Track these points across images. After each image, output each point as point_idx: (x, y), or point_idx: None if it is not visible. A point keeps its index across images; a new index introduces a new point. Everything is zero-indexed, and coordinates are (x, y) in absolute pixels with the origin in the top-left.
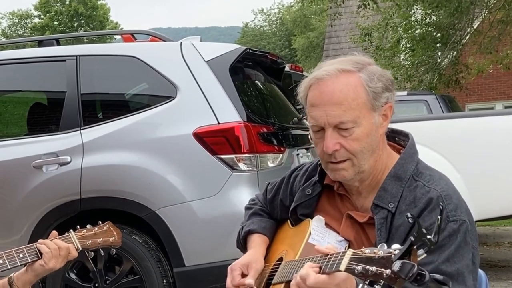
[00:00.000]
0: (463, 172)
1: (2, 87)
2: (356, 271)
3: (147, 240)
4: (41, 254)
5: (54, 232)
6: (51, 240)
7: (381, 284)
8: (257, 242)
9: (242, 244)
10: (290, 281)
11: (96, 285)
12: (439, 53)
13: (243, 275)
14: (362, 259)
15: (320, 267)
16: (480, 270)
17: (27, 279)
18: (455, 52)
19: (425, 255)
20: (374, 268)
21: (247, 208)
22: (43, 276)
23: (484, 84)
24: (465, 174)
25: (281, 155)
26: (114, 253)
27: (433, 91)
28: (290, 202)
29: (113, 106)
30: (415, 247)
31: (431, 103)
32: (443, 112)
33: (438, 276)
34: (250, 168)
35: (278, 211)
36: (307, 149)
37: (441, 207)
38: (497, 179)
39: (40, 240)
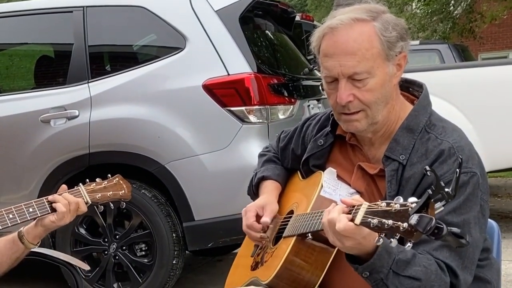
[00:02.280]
0: (475, 122)
1: (8, 40)
2: (371, 224)
3: (157, 194)
4: (51, 209)
5: (64, 186)
6: (60, 195)
7: (397, 237)
8: (270, 188)
9: (255, 191)
10: (301, 234)
11: (106, 240)
12: (453, 1)
13: (258, 217)
14: (378, 212)
15: (353, 219)
16: (492, 221)
17: (37, 233)
18: (469, 0)
19: (442, 208)
20: (390, 222)
21: (260, 155)
22: (52, 230)
23: (498, 33)
24: (477, 125)
25: (291, 106)
26: (124, 206)
27: (446, 41)
28: (302, 152)
29: (121, 58)
30: (432, 200)
31: (444, 52)
32: (455, 61)
33: (455, 230)
34: (261, 120)
35: (289, 160)
36: (318, 100)
37: (459, 160)
38: (510, 129)
39: (50, 197)
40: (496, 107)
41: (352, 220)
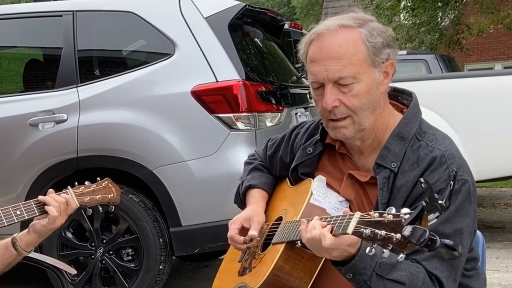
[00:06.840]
0: (461, 132)
1: None
2: (364, 234)
3: (144, 199)
4: (39, 211)
5: (51, 190)
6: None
7: (390, 248)
8: (257, 198)
9: (242, 200)
10: (291, 241)
11: (93, 244)
12: (440, 13)
13: (244, 229)
14: (371, 223)
15: (332, 229)
16: (477, 231)
17: (30, 240)
18: (456, 12)
19: (435, 220)
20: (383, 232)
21: (246, 163)
22: (46, 236)
23: (484, 44)
24: (463, 135)
25: (279, 114)
26: (112, 210)
27: (433, 51)
28: (290, 160)
29: (110, 63)
30: (425, 212)
31: (431, 62)
32: (442, 72)
33: (448, 242)
34: (248, 127)
35: (278, 168)
36: (305, 108)
37: (453, 173)
38: (495, 140)
39: (40, 197)
40: (481, 118)
41: (332, 230)
